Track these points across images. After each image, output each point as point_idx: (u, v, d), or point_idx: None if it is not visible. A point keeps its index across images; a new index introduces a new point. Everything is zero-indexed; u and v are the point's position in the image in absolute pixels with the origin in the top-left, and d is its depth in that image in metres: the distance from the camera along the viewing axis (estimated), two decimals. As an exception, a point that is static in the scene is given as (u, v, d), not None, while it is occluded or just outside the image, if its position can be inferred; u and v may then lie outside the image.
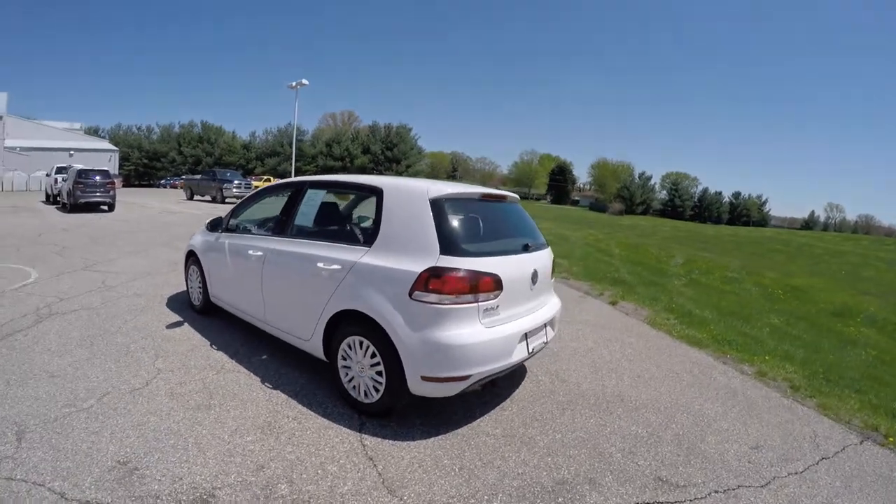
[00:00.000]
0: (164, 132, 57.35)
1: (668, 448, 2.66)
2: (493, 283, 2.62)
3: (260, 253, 3.68)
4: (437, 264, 2.52)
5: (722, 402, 3.43)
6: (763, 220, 78.29)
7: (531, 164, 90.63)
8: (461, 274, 2.50)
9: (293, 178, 4.02)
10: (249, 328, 4.02)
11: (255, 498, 2.06)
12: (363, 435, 2.60)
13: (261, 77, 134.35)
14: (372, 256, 2.78)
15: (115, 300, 5.23)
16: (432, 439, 2.56)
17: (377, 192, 2.97)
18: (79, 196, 15.75)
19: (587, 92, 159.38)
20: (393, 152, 54.82)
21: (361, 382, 2.81)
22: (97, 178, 16.41)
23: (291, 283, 3.34)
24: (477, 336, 2.53)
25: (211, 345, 3.96)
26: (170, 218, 14.85)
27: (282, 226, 3.69)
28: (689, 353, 4.52)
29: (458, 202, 2.87)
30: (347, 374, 2.90)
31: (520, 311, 2.86)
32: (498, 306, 2.67)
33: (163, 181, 49.81)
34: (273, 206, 4.24)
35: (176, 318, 4.68)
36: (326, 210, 3.73)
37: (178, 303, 5.15)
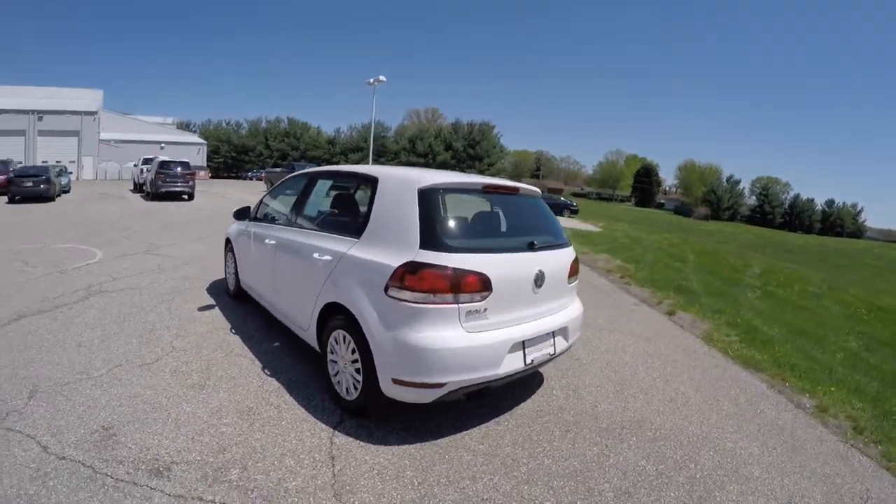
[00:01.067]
0: (251, 127, 64.56)
1: (674, 493, 2.32)
2: (479, 283, 2.50)
3: (273, 242, 3.92)
4: (415, 259, 2.45)
5: (762, 440, 2.94)
6: (858, 231, 76.98)
7: (616, 165, 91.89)
8: (439, 271, 2.41)
9: (307, 169, 4.20)
10: (271, 315, 4.27)
11: (205, 478, 2.16)
12: (336, 433, 2.62)
13: (348, 73, 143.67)
14: (358, 248, 2.81)
15: (162, 282, 5.86)
16: (405, 447, 2.50)
17: (372, 182, 2.99)
18: (160, 185, 17.98)
19: (677, 90, 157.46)
20: (475, 150, 57.12)
21: (344, 378, 2.85)
22: (178, 169, 18.66)
23: (294, 273, 3.51)
24: (455, 341, 2.42)
25: (231, 329, 4.27)
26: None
27: (292, 215, 3.89)
28: (741, 376, 4.04)
29: (452, 194, 2.80)
30: (334, 368, 2.95)
31: (517, 316, 2.72)
32: (485, 309, 2.54)
33: (249, 174, 55.16)
34: (293, 197, 4.47)
35: (210, 301, 5.11)
36: (331, 200, 3.82)
37: (218, 288, 5.62)
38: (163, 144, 48.10)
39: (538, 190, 3.42)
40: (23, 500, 1.98)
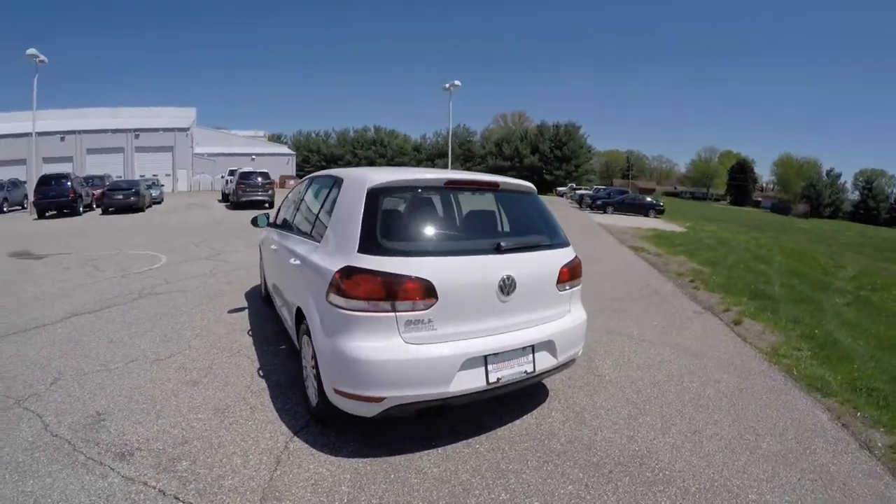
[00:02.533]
0: (340, 137, 72.35)
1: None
2: (421, 290, 2.46)
3: (275, 246, 4.34)
4: (351, 263, 2.50)
5: (799, 492, 2.49)
6: (979, 229, 70.75)
7: (710, 162, 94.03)
8: (374, 276, 2.42)
9: (313, 175, 4.54)
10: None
11: (157, 465, 2.50)
12: (295, 438, 2.82)
13: (436, 79, 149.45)
14: (316, 252, 2.99)
15: (209, 286, 6.69)
16: (354, 460, 2.59)
17: (338, 184, 3.15)
18: (241, 195, 20.34)
19: (774, 81, 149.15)
20: (562, 151, 60.04)
21: (310, 384, 3.04)
22: (258, 179, 21.04)
23: (282, 276, 3.90)
24: (393, 353, 2.42)
25: (248, 331, 4.77)
26: None
27: (289, 220, 4.26)
28: (799, 403, 3.54)
29: (405, 191, 2.85)
30: (305, 373, 3.18)
31: (476, 328, 2.63)
32: (430, 320, 2.50)
33: (336, 181, 61.41)
34: (293, 202, 4.84)
35: (243, 304, 5.74)
36: (310, 204, 3.99)
37: (256, 292, 6.27)
38: (254, 156, 54.18)
39: (527, 184, 3.34)
40: (11, 465, 2.48)
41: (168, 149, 42.31)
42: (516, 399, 3.33)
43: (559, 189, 53.52)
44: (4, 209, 19.95)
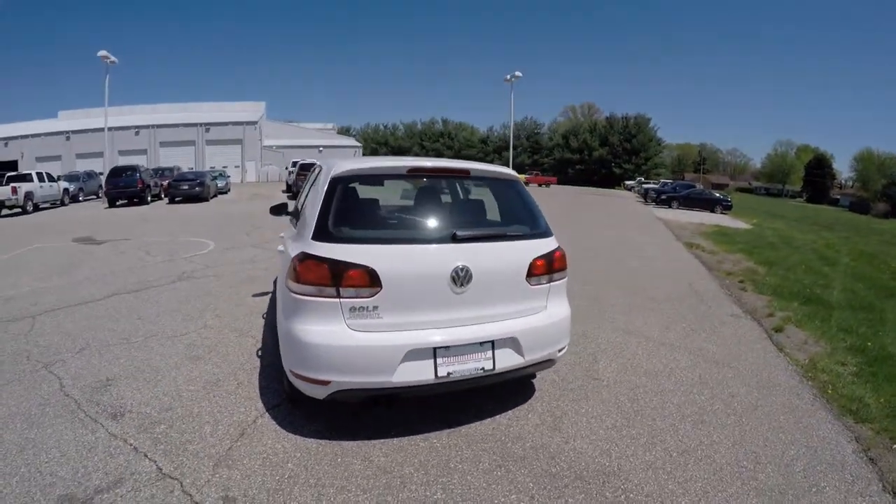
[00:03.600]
0: (407, 129, 75.82)
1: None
2: (364, 278, 2.59)
3: (282, 234, 4.72)
4: (305, 249, 2.70)
5: None
6: None
7: (786, 157, 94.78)
8: (320, 262, 2.60)
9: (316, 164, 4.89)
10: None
11: (139, 427, 2.92)
12: (266, 415, 3.11)
13: (504, 71, 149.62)
14: (291, 239, 3.28)
15: (245, 271, 7.34)
16: (310, 440, 2.80)
17: (319, 172, 3.41)
18: (300, 185, 21.56)
19: (856, 73, 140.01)
20: (631, 144, 61.31)
21: None
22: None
23: (279, 265, 4.23)
24: (337, 338, 2.58)
25: (263, 314, 5.23)
26: None
27: (294, 210, 4.61)
28: (822, 428, 3.24)
29: (367, 179, 3.04)
30: None
31: (425, 319, 2.70)
32: (376, 308, 2.62)
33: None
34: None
35: (268, 290, 6.25)
36: (304, 193, 4.23)
37: (283, 279, 6.79)
38: (321, 148, 57.31)
39: (506, 171, 3.36)
40: (23, 416, 3.01)
41: (237, 141, 45.73)
42: (496, 396, 3.40)
43: (627, 182, 52.89)
44: (80, 198, 22.96)
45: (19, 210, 17.92)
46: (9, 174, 18.49)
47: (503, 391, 3.48)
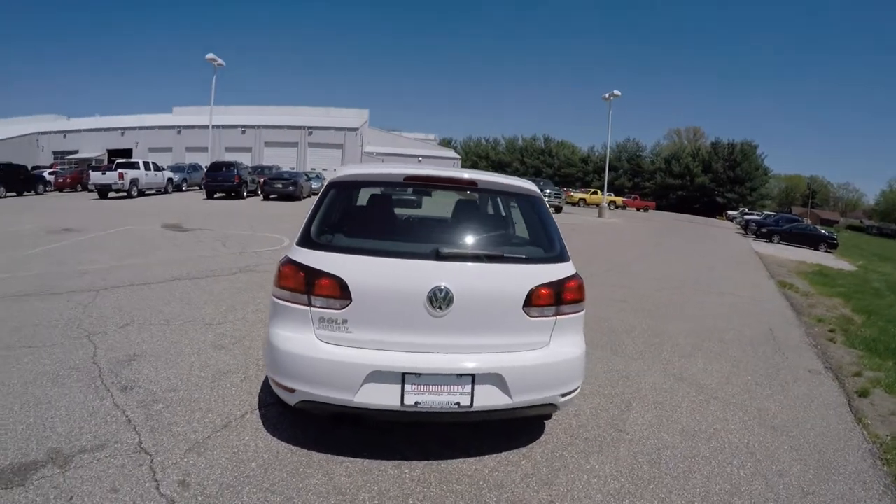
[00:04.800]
0: (509, 144, 78.16)
1: None
2: (335, 288, 2.62)
3: None
4: (288, 255, 2.81)
5: None
6: None
7: None
8: (296, 268, 2.69)
9: None
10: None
11: (142, 401, 3.26)
12: (256, 410, 3.29)
13: (608, 89, 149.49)
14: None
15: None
16: (283, 444, 2.90)
17: None
18: None
19: None
20: (735, 172, 61.20)
21: None
22: None
23: None
24: (303, 347, 2.64)
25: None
26: None
27: None
28: None
29: (364, 186, 3.13)
30: None
31: (398, 340, 2.65)
32: (346, 321, 2.63)
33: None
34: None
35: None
36: None
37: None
38: (420, 158, 59.98)
39: (521, 184, 3.22)
40: (52, 377, 3.52)
41: (338, 146, 49.18)
42: (494, 432, 3.28)
43: (729, 212, 50.60)
44: (184, 188, 25.98)
45: (125, 194, 20.87)
46: (118, 161, 21.58)
47: (505, 428, 3.34)
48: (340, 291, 2.61)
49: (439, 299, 2.60)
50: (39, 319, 4.75)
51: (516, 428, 3.35)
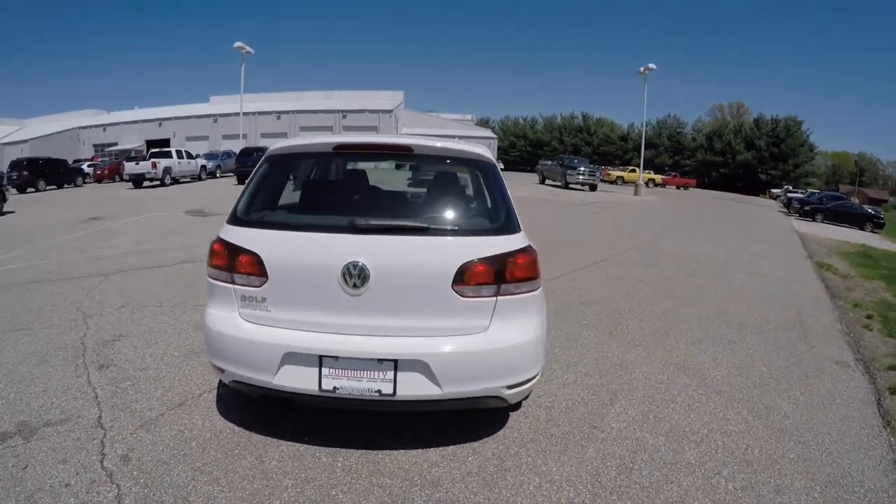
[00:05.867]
0: (547, 123, 77.48)
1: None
2: (253, 265, 2.56)
3: None
4: (218, 232, 2.80)
5: None
6: None
7: None
8: (221, 245, 2.67)
9: None
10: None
11: (112, 379, 3.53)
12: (213, 392, 3.39)
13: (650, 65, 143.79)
14: None
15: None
16: (229, 425, 3.01)
17: None
18: None
19: None
20: (779, 148, 59.33)
21: None
22: None
23: None
24: (227, 326, 2.63)
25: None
26: None
27: None
28: None
29: (299, 159, 3.10)
30: None
31: (311, 320, 2.55)
32: (265, 299, 2.57)
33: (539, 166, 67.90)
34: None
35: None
36: None
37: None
38: (456, 138, 59.80)
39: (467, 149, 2.98)
40: (40, 356, 3.87)
41: (373, 128, 49.71)
42: (454, 423, 3.11)
43: (772, 191, 48.75)
44: (217, 174, 27.02)
45: (158, 183, 21.87)
46: (152, 150, 22.58)
47: (462, 418, 3.13)
48: (258, 268, 2.55)
49: (353, 276, 2.45)
50: (45, 303, 5.17)
51: (475, 419, 3.16)
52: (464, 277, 2.51)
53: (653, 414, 3.44)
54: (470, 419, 3.14)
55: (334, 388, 2.49)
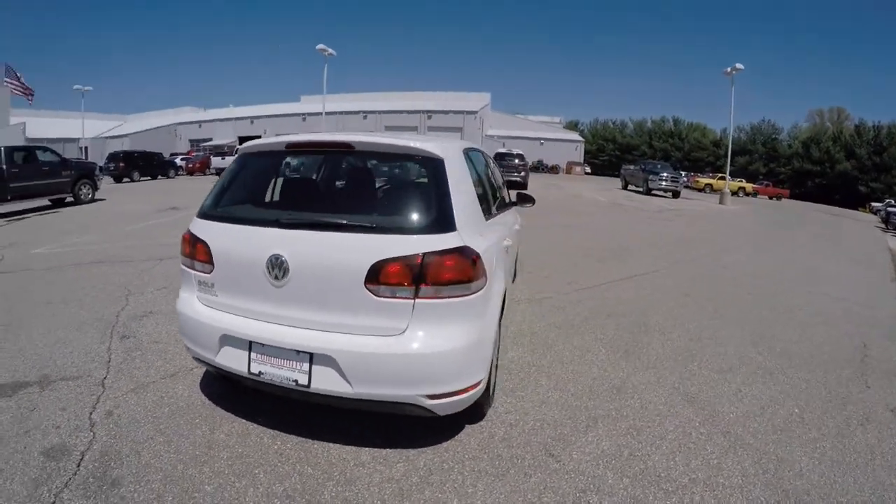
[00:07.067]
0: (637, 127, 75.38)
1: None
2: (204, 253, 2.89)
3: None
4: (189, 224, 3.17)
5: None
6: None
7: None
8: (187, 235, 3.05)
9: None
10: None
11: (127, 349, 4.14)
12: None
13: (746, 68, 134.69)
14: None
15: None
16: (201, 397, 3.41)
17: None
18: None
19: None
20: (882, 158, 53.98)
21: None
22: (515, 161, 25.23)
23: None
24: (188, 308, 3.02)
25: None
26: (567, 201, 21.58)
27: None
28: None
29: (259, 157, 3.34)
30: None
31: (247, 307, 2.80)
32: (213, 285, 2.89)
33: (622, 170, 66.56)
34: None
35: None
36: None
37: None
38: (542, 141, 59.58)
39: (410, 145, 2.89)
40: (78, 324, 4.60)
41: (457, 129, 50.59)
42: (406, 426, 3.10)
43: (873, 204, 43.04)
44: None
45: None
46: (238, 146, 24.92)
47: (416, 423, 3.07)
48: (208, 256, 2.88)
49: (276, 267, 2.63)
50: (99, 281, 6.07)
51: (434, 426, 3.06)
52: (378, 277, 2.50)
53: (629, 450, 3.01)
54: (429, 425, 3.06)
55: (259, 372, 2.71)
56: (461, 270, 2.56)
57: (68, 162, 15.14)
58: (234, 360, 2.79)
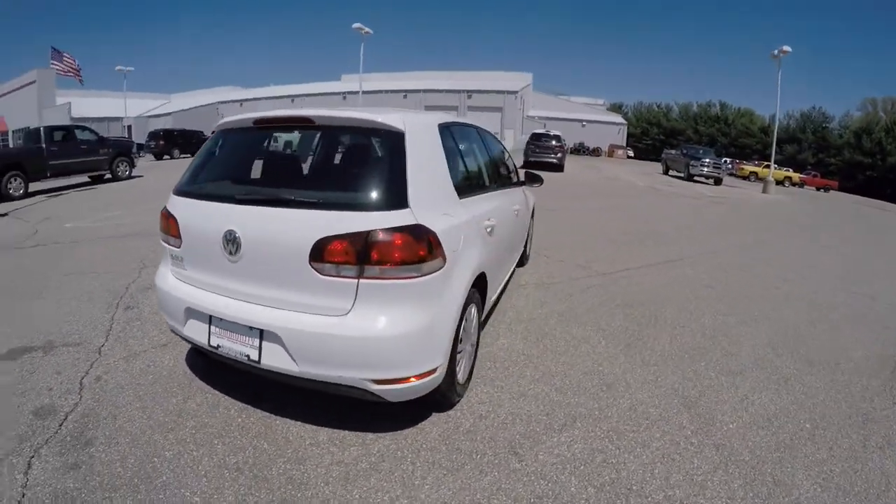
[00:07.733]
0: (682, 111, 72.30)
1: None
2: (174, 227, 2.99)
3: None
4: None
5: None
6: None
7: None
8: (163, 210, 3.13)
9: None
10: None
11: (130, 319, 4.42)
12: None
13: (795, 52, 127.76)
14: None
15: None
16: (184, 368, 3.61)
17: None
18: (530, 154, 24.67)
19: None
20: None
21: None
22: (551, 142, 24.83)
23: None
24: (163, 280, 3.16)
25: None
26: (603, 184, 21.68)
27: None
28: None
29: (232, 133, 3.34)
30: None
31: (208, 281, 2.88)
32: (183, 259, 2.99)
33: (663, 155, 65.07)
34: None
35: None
36: None
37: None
38: (584, 122, 58.43)
39: (371, 119, 2.80)
40: (89, 294, 4.94)
41: (497, 109, 50.06)
42: (375, 412, 3.08)
43: None
44: None
45: None
46: None
47: (386, 409, 2.98)
48: (177, 231, 2.98)
49: (230, 242, 2.68)
50: (118, 255, 6.46)
51: (394, 413, 3.01)
52: (322, 254, 2.46)
53: (603, 456, 2.79)
54: (395, 412, 3.00)
55: (217, 345, 2.80)
56: (410, 250, 2.46)
57: (106, 140, 15.93)
58: (197, 333, 2.91)
